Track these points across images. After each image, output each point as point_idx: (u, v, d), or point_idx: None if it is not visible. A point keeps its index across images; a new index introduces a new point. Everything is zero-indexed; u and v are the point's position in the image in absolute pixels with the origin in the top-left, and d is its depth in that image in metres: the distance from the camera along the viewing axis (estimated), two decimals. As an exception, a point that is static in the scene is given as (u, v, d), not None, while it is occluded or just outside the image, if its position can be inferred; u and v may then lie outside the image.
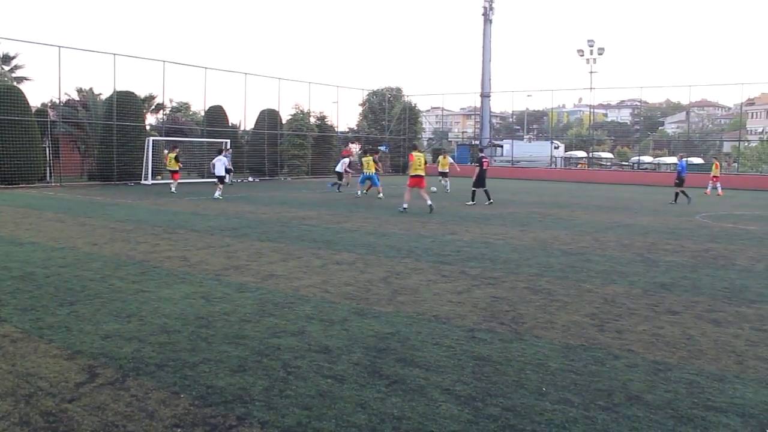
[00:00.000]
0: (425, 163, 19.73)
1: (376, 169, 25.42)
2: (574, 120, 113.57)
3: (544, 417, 4.34)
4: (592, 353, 5.73)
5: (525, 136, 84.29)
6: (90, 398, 4.56)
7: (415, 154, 19.66)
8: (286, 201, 22.76)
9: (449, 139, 79.04)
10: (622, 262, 10.61)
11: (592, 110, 59.21)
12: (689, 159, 30.66)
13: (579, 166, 54.88)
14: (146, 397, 4.59)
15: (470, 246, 12.06)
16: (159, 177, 32.76)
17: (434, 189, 26.71)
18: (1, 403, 4.46)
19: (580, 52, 55.95)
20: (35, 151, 30.10)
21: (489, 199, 22.41)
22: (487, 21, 51.95)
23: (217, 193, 23.38)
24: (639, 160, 53.87)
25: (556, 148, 57.50)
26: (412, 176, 19.41)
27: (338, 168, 29.42)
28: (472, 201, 22.33)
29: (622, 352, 5.76)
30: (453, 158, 36.68)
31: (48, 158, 32.10)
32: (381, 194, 24.76)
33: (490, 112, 56.55)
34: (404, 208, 18.77)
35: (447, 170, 29.90)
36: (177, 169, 27.13)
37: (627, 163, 56.55)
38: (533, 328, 6.55)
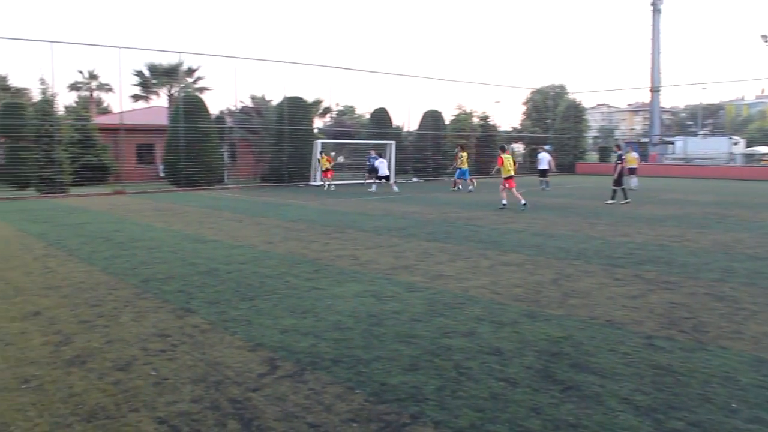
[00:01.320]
0: (514, 163, 20.54)
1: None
2: (756, 113, 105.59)
3: (735, 434, 4.05)
4: (789, 368, 5.27)
5: (699, 132, 79.40)
6: (271, 389, 4.79)
7: (504, 156, 20.28)
8: (450, 201, 22.84)
9: (615, 137, 76.12)
10: (818, 268, 9.69)
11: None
12: None
13: (763, 162, 50.78)
14: (323, 390, 4.76)
15: (643, 248, 11.51)
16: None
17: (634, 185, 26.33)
18: (194, 388, 4.80)
19: (764, 38, 51.71)
20: (215, 156, 32.22)
21: (625, 199, 21.96)
22: (656, 11, 49.58)
23: (394, 188, 28.42)
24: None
25: (735, 143, 53.68)
26: (506, 178, 20.05)
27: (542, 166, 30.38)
28: (625, 200, 21.89)
29: (825, 368, 5.25)
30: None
31: (225, 162, 34.29)
32: (471, 187, 28.93)
33: (660, 107, 53.81)
34: (504, 205, 19.84)
35: (635, 166, 30.07)
36: (327, 168, 31.11)
37: (822, 159, 51.51)
38: (718, 337, 6.12)
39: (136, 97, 46.72)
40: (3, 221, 16.84)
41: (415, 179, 39.25)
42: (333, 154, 34.74)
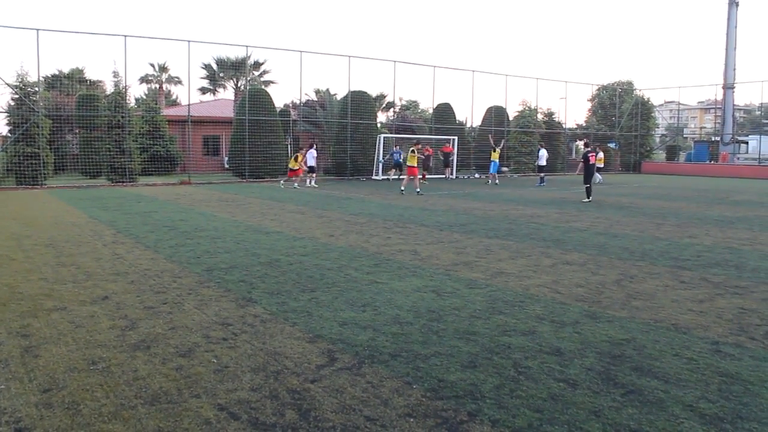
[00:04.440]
0: (417, 158, 24.85)
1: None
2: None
3: (808, 446, 3.88)
4: None
5: (776, 132, 76.37)
6: (329, 381, 4.82)
7: (411, 150, 24.48)
8: (513, 198, 22.63)
9: (685, 135, 74.03)
10: None
11: None
12: None
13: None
14: (381, 384, 4.76)
15: (711, 251, 11.16)
16: (390, 172, 33.99)
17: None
18: (254, 376, 4.87)
19: None
20: (279, 148, 32.65)
21: (589, 197, 21.86)
22: (733, 4, 47.90)
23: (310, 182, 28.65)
24: None
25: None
26: (410, 167, 24.31)
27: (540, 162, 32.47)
28: (588, 198, 21.79)
29: None
30: (689, 156, 36.21)
31: (290, 154, 34.70)
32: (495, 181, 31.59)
33: (734, 104, 52.04)
34: (402, 191, 24.07)
35: (601, 165, 33.37)
36: (296, 168, 28.35)
37: None
38: (791, 345, 5.89)
39: (203, 90, 47.82)
40: (76, 208, 17.43)
41: (477, 175, 39.02)
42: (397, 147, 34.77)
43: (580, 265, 9.69)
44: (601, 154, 34.01)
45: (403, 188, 24.46)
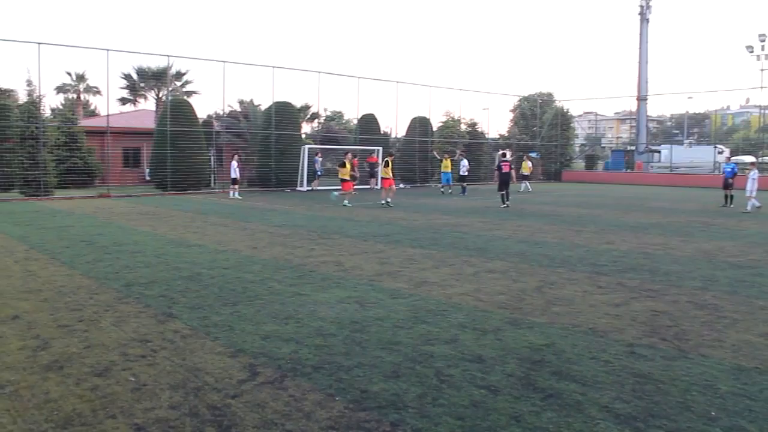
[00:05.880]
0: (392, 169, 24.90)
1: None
2: (741, 122, 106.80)
3: (714, 442, 4.04)
4: (769, 376, 5.28)
5: (685, 141, 79.76)
6: (251, 395, 4.75)
7: (385, 160, 24.97)
8: (437, 208, 22.85)
9: (602, 145, 76.40)
10: (799, 277, 9.74)
11: (762, 111, 54.99)
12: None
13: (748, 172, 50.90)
14: (303, 397, 4.72)
15: (627, 256, 11.55)
16: (314, 183, 33.82)
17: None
18: (173, 394, 4.76)
19: (750, 49, 51.77)
20: (202, 160, 32.11)
21: (505, 203, 22.98)
22: (644, 20, 49.93)
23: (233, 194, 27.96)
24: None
25: (720, 152, 53.97)
26: (384, 178, 24.45)
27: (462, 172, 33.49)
28: (504, 204, 22.92)
29: (804, 377, 5.26)
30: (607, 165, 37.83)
31: (212, 166, 34.19)
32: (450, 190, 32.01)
33: (647, 115, 54.15)
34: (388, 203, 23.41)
35: (528, 173, 35.79)
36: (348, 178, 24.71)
37: (807, 170, 51.66)
38: (699, 345, 6.14)
39: (123, 100, 46.64)
40: (-15, 224, 16.68)
41: (402, 185, 39.25)
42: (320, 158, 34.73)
43: (502, 272, 9.86)
44: (530, 164, 36.35)
45: (384, 201, 23.50)
